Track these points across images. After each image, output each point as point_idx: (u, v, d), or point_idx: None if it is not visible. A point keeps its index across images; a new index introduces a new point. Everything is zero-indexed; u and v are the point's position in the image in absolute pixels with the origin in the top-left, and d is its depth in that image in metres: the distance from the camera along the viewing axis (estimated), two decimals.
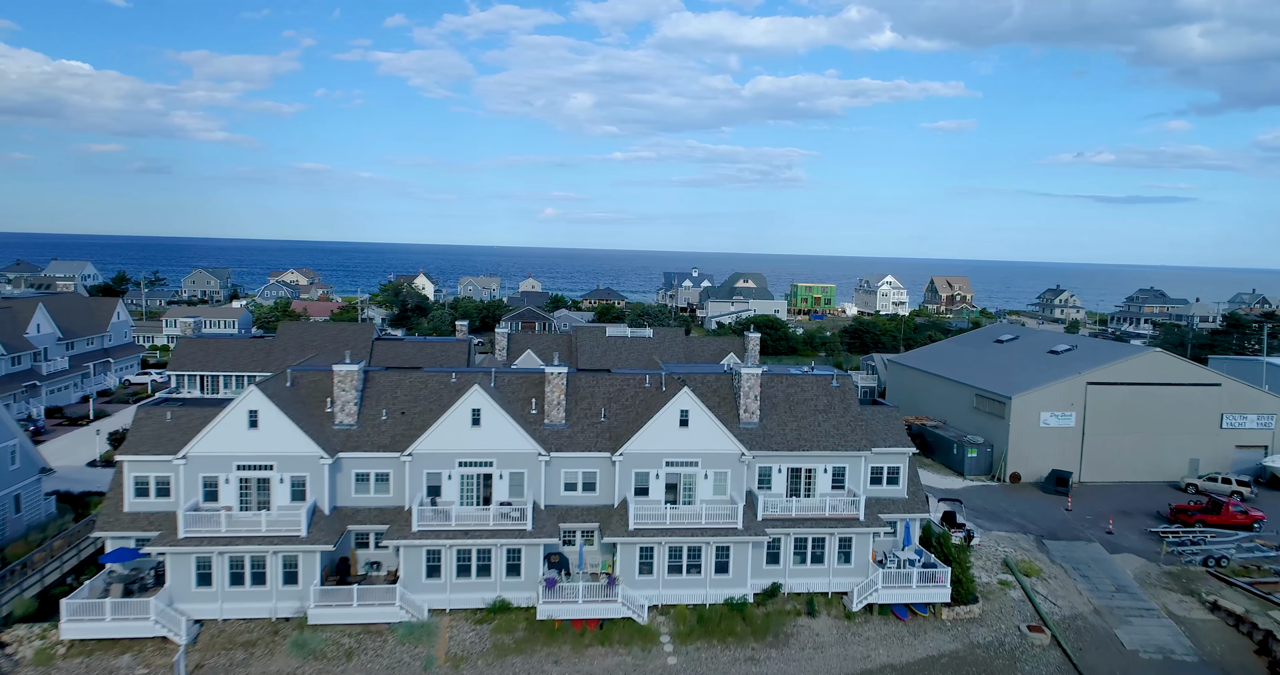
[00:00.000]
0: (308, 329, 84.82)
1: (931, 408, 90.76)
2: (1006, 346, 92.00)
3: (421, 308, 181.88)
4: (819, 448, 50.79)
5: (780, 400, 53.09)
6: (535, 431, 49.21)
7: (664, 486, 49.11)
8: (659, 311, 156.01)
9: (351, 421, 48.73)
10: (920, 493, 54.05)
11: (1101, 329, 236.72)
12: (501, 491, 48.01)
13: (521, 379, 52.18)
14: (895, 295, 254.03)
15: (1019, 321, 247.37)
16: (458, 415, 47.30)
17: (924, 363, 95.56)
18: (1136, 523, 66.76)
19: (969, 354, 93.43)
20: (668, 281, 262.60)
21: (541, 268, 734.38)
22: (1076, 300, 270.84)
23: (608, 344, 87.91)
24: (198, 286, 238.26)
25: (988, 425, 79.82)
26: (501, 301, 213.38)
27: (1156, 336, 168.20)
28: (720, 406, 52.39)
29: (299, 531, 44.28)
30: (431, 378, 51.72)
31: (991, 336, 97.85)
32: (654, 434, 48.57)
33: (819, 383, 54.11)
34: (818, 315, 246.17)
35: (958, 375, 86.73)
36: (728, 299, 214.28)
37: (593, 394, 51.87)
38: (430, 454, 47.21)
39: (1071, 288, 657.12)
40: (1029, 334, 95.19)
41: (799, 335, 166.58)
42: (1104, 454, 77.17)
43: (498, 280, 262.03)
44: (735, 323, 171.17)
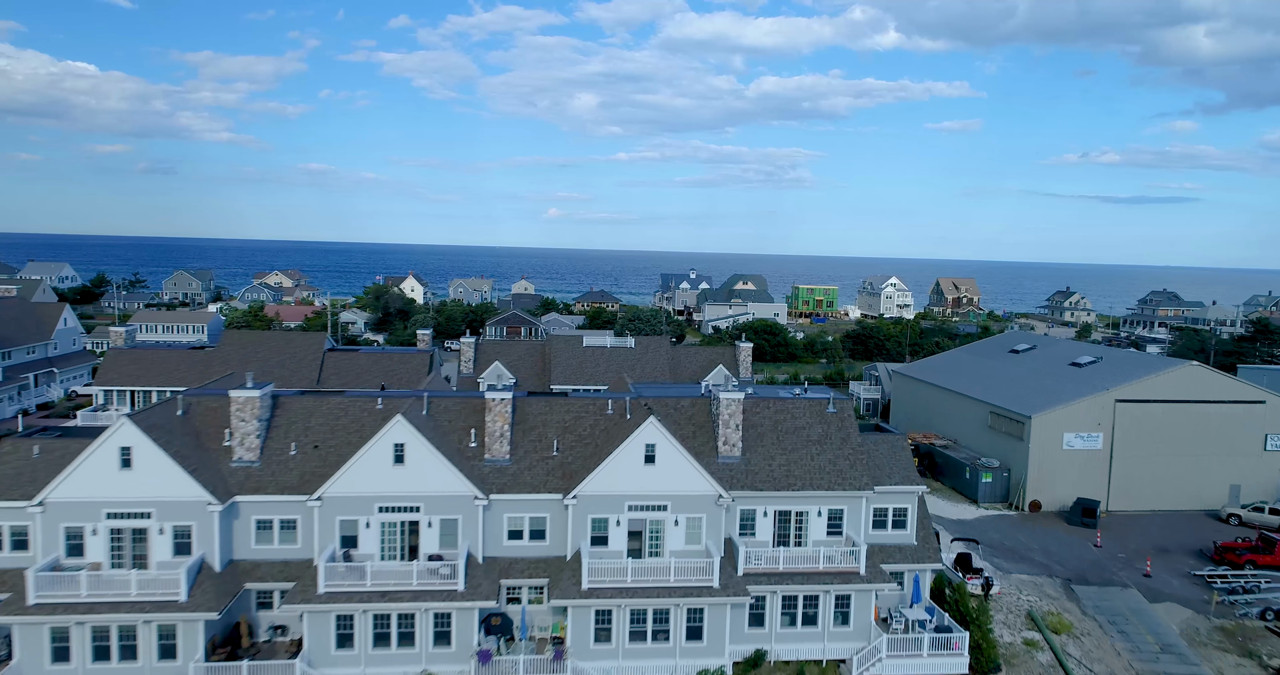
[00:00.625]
0: (252, 339, 77.02)
1: (941, 424, 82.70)
2: (1023, 357, 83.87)
3: (405, 311, 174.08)
4: (812, 486, 42.84)
5: (767, 429, 45.13)
6: (473, 469, 41.32)
7: (626, 535, 41.19)
8: (651, 316, 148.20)
9: (253, 458, 40.86)
10: (931, 538, 46.04)
11: (1114, 333, 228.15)
12: (431, 542, 40.11)
13: (460, 405, 44.26)
14: (900, 297, 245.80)
15: (1028, 325, 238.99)
16: (377, 451, 39.42)
17: (932, 375, 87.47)
18: (1177, 563, 58.65)
19: (982, 365, 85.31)
20: (665, 283, 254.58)
21: (542, 268, 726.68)
22: (1087, 303, 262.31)
23: (585, 355, 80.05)
24: (179, 289, 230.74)
25: (1004, 446, 71.76)
26: (491, 304, 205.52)
27: (1175, 342, 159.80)
28: (696, 436, 44.47)
29: (178, 595, 36.43)
30: (353, 404, 43.83)
31: (1006, 346, 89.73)
32: (614, 472, 40.66)
33: (812, 408, 46.14)
34: (819, 318, 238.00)
35: (970, 390, 78.66)
36: (725, 302, 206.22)
37: (544, 423, 43.93)
38: (344, 497, 39.35)
39: (1079, 289, 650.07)
40: (1048, 344, 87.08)
41: (799, 340, 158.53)
42: (1135, 480, 69.10)
43: (490, 282, 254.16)
44: (732, 327, 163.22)
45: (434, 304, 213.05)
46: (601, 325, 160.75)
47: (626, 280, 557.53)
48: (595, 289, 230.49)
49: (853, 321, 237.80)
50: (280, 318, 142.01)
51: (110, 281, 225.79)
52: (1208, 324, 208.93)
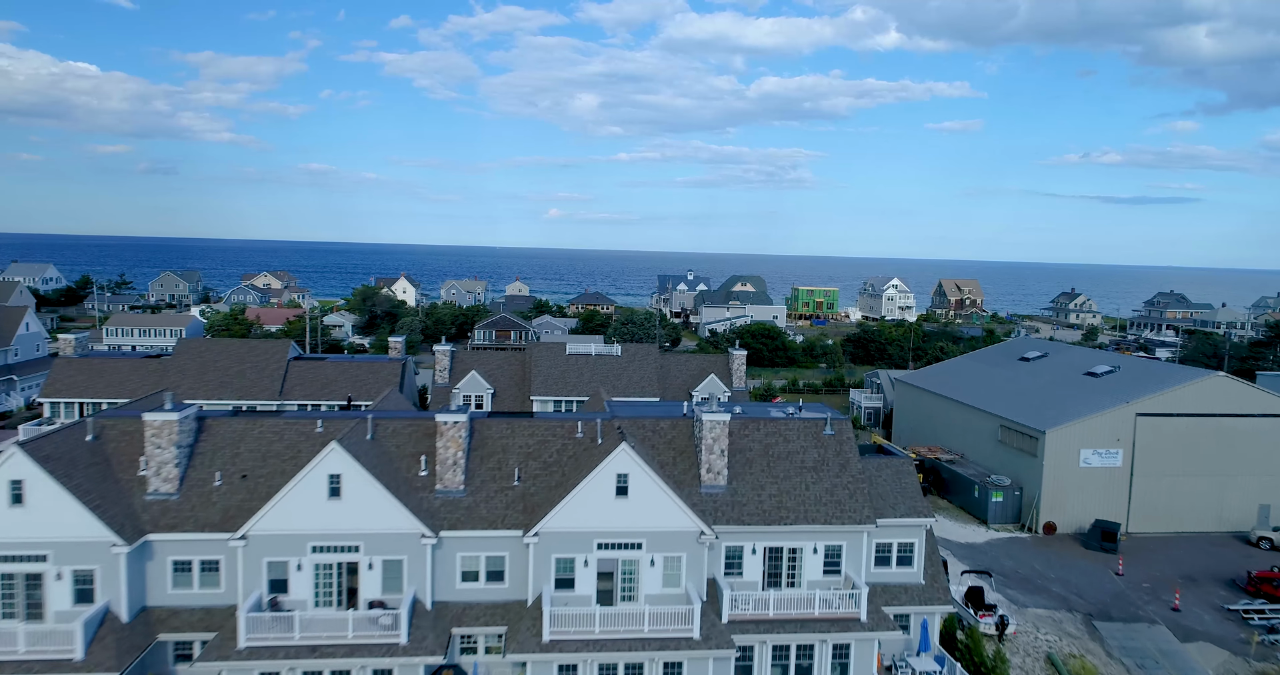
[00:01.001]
0: (211, 348, 72.14)
1: (947, 437, 77.79)
2: (1035, 366, 78.92)
3: (392, 314, 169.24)
4: (807, 520, 37.96)
5: (757, 454, 40.23)
6: (422, 502, 36.47)
7: (595, 577, 36.31)
8: (644, 319, 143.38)
9: (171, 489, 36.00)
10: (941, 575, 41.15)
11: (1121, 336, 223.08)
12: (372, 585, 35.26)
13: (411, 427, 39.36)
14: (901, 299, 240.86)
15: (1033, 327, 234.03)
16: (309, 483, 34.57)
17: (938, 384, 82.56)
18: (1207, 594, 53.71)
19: (991, 374, 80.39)
20: (662, 285, 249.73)
21: (541, 269, 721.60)
22: (1092, 304, 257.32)
23: (568, 364, 75.18)
24: (165, 290, 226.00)
25: (1016, 463, 66.83)
26: (482, 307, 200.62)
27: (1187, 345, 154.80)
28: (677, 462, 39.59)
29: (72, 652, 31.59)
30: (289, 426, 38.94)
31: (1015, 353, 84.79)
32: (581, 506, 35.79)
33: (807, 430, 41.23)
34: (819, 321, 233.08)
35: (979, 401, 73.74)
36: (723, 304, 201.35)
37: (505, 448, 39.03)
38: (272, 536, 34.50)
39: (1082, 290, 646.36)
40: (1060, 351, 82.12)
41: (798, 344, 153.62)
42: (1157, 499, 64.16)
43: (483, 283, 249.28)
44: (729, 330, 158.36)
45: (425, 306, 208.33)
46: (594, 329, 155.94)
47: (625, 281, 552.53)
48: (590, 290, 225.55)
49: (854, 324, 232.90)
50: (261, 321, 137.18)
51: (95, 283, 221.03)
52: (1217, 326, 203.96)
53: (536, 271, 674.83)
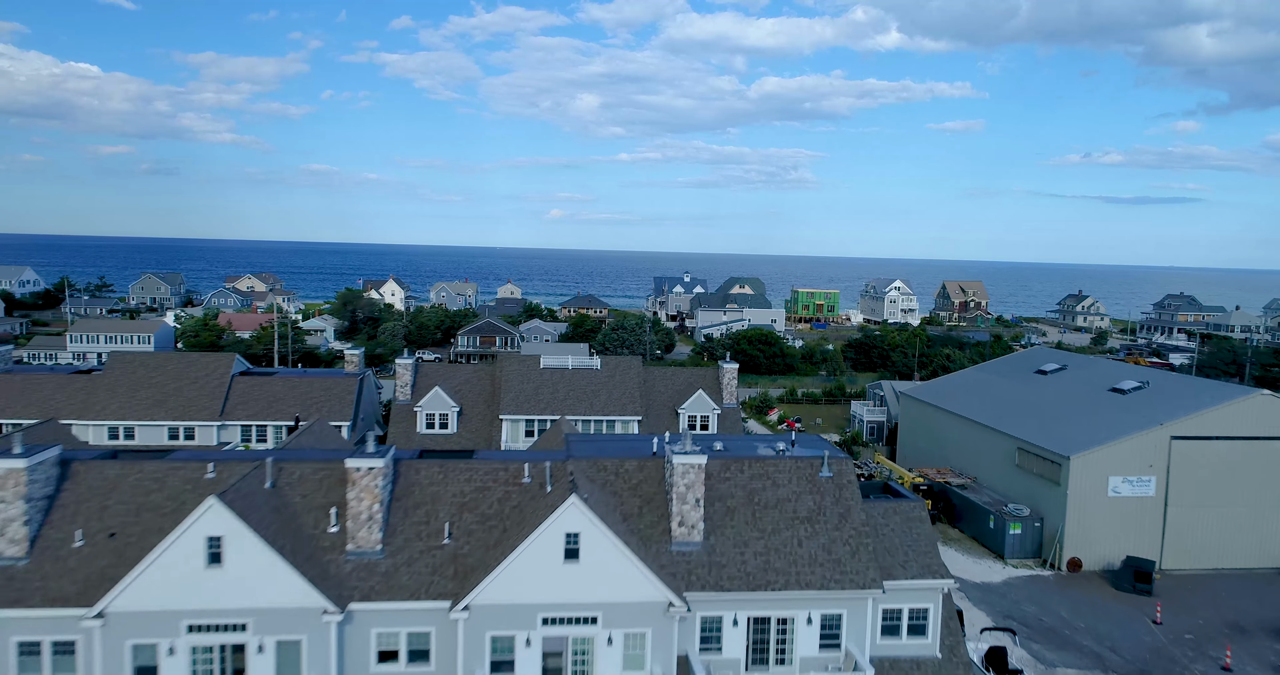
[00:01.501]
0: (146, 364, 65.56)
1: (957, 458, 71.20)
2: (1053, 380, 72.28)
3: (374, 318, 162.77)
4: (799, 584, 31.40)
5: (740, 502, 33.66)
6: (329, 567, 29.91)
7: (540, 658, 29.74)
8: (635, 325, 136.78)
9: (18, 553, 29.42)
10: (961, 646, 34.53)
11: (1131, 340, 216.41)
12: (263, 672, 28.66)
13: (323, 472, 32.71)
14: (904, 302, 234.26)
15: (1039, 330, 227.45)
16: (183, 548, 28.02)
17: (947, 398, 75.96)
18: (1258, 646, 47.11)
19: (1005, 388, 73.77)
20: (658, 287, 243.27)
21: (540, 270, 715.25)
22: (1100, 307, 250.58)
23: (541, 380, 68.55)
24: (146, 293, 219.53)
25: (1035, 490, 60.23)
26: (471, 310, 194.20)
27: (1204, 351, 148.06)
28: (644, 512, 33.05)
29: None
30: (174, 471, 32.32)
31: (1031, 364, 78.15)
32: (523, 572, 29.24)
33: (800, 472, 34.66)
34: (820, 324, 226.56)
35: (993, 420, 67.12)
36: (720, 308, 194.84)
37: (435, 497, 32.43)
38: (138, 613, 27.95)
39: (1088, 291, 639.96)
40: (1081, 364, 75.45)
41: (796, 350, 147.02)
42: (1194, 533, 57.57)
43: (474, 286, 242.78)
44: (725, 336, 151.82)
45: (413, 310, 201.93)
46: (584, 334, 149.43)
47: (623, 282, 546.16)
48: (582, 294, 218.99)
49: (855, 327, 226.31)
50: (233, 327, 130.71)
51: (72, 285, 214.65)
52: (1231, 330, 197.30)
53: (535, 273, 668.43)
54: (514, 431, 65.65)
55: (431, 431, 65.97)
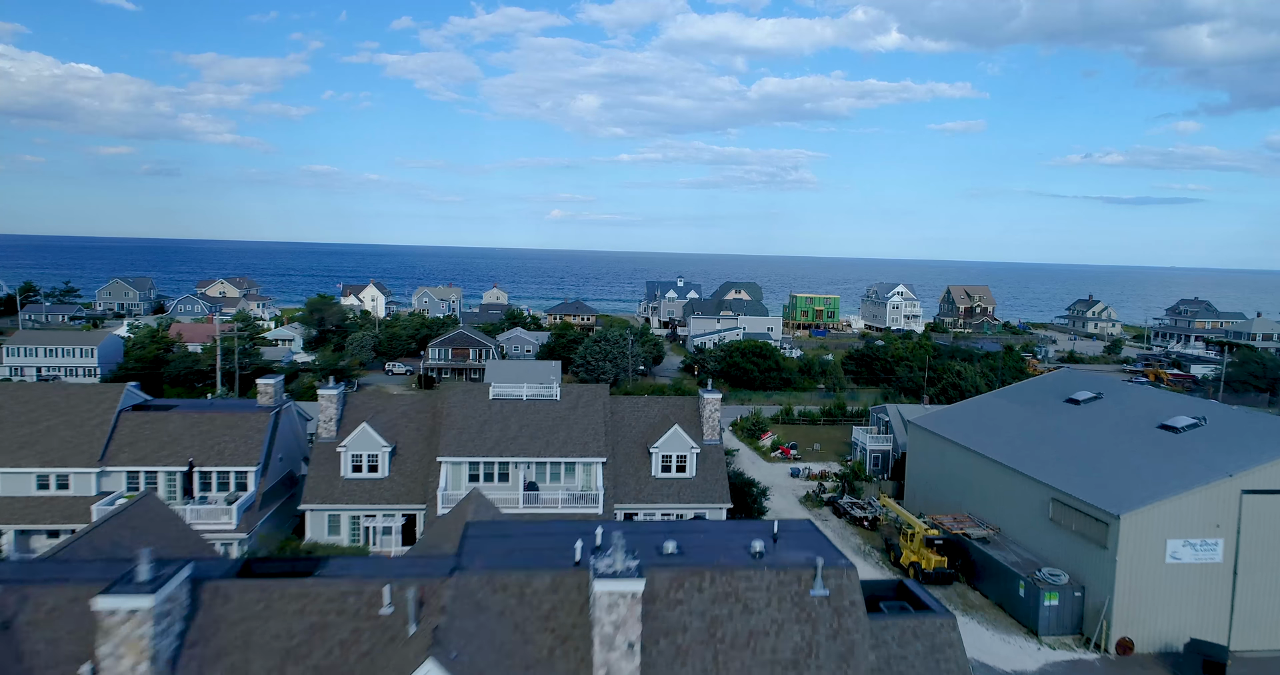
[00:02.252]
0: (16, 395, 55.49)
1: (977, 502, 61.19)
2: (1088, 412, 62.18)
3: (343, 327, 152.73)
4: None
5: (696, 636, 23.64)
6: None
7: None
8: (619, 337, 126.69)
9: None
10: None
11: (1146, 348, 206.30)
12: None
13: (83, 603, 22.57)
14: (907, 308, 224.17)
15: (1050, 337, 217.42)
16: None
17: (962, 430, 65.93)
18: None
19: (1031, 421, 63.68)
20: (650, 292, 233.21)
21: (536, 272, 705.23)
22: (1111, 312, 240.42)
23: (490, 413, 58.52)
24: (114, 298, 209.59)
25: (1075, 552, 50.21)
26: (452, 318, 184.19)
27: (1233, 362, 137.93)
28: (558, 658, 23.00)
29: None
30: None
31: (1059, 391, 68.06)
32: None
33: (783, 588, 24.63)
34: (819, 331, 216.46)
35: (1020, 461, 57.08)
36: (714, 315, 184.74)
37: (249, 640, 22.33)
38: None
39: (1088, 292, 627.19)
40: (1118, 392, 65.28)
41: (794, 362, 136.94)
42: (1271, 607, 47.52)
43: (458, 291, 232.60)
44: (718, 346, 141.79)
45: (392, 316, 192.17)
46: (567, 345, 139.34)
47: (619, 285, 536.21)
48: (570, 299, 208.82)
49: (856, 334, 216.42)
50: (183, 339, 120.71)
51: (37, 290, 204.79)
52: (1253, 338, 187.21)
53: (530, 275, 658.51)
54: (455, 476, 55.69)
55: (359, 476, 56.02)
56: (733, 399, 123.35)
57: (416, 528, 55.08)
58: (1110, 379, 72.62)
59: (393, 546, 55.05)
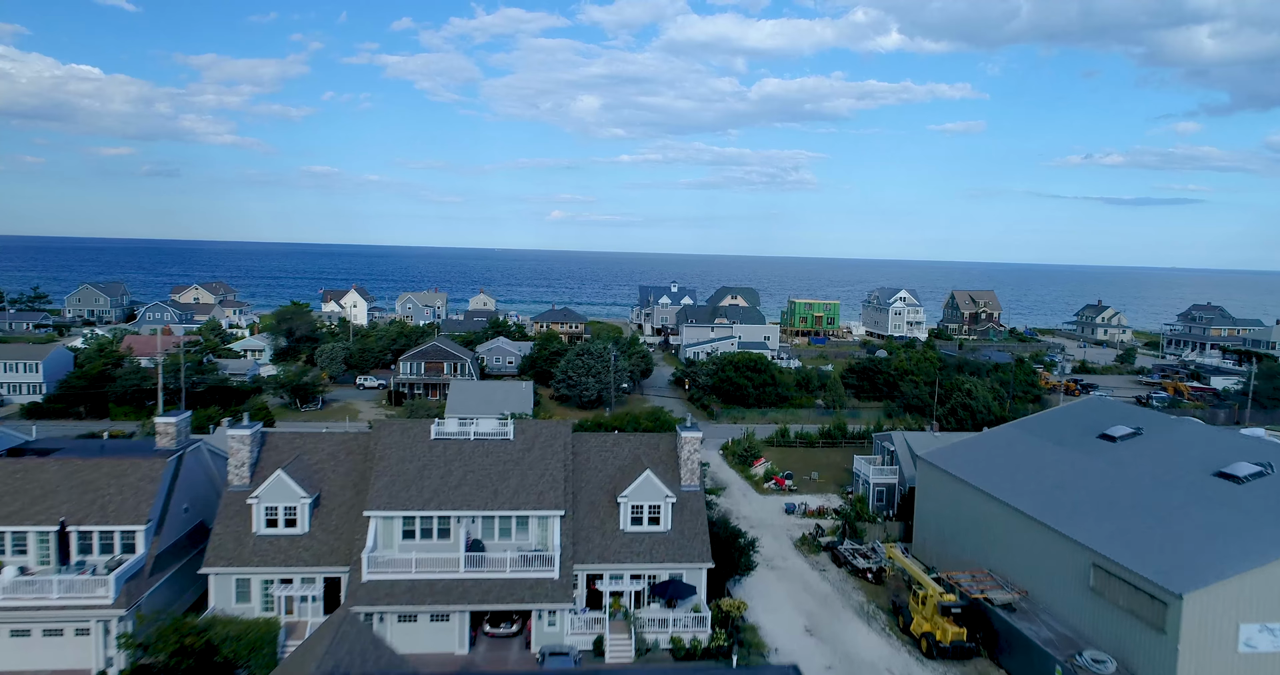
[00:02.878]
0: None
1: (1000, 557, 52.73)
2: (1128, 452, 53.68)
3: (312, 338, 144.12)
4: None
5: None
6: None
7: None
8: (603, 351, 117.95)
9: None
10: None
11: (1159, 357, 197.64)
12: None
13: None
14: (910, 314, 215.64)
15: (1059, 345, 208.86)
16: None
17: (981, 470, 57.48)
18: None
19: (1061, 461, 55.19)
20: (643, 297, 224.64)
21: (533, 274, 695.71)
22: (1122, 318, 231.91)
23: (429, 457, 50.07)
24: (83, 305, 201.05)
25: (1124, 632, 41.75)
26: (434, 326, 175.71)
27: (1258, 374, 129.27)
28: None
29: None
30: None
31: (1091, 425, 59.55)
32: None
33: None
34: (819, 339, 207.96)
35: (1052, 514, 48.61)
36: (708, 323, 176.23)
37: None
38: None
39: (1092, 294, 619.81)
40: (1161, 428, 56.65)
41: (791, 374, 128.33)
42: None
43: (443, 296, 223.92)
44: (711, 358, 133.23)
45: (376, 324, 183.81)
46: (550, 358, 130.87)
47: (616, 288, 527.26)
48: (557, 306, 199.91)
49: (856, 342, 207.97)
50: (134, 352, 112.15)
51: (3, 296, 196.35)
52: (1272, 346, 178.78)
53: (526, 277, 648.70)
54: (386, 534, 47.26)
55: (273, 532, 47.56)
56: (725, 417, 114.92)
57: (341, 592, 46.64)
58: (1148, 411, 64.01)
59: (310, 616, 46.61)
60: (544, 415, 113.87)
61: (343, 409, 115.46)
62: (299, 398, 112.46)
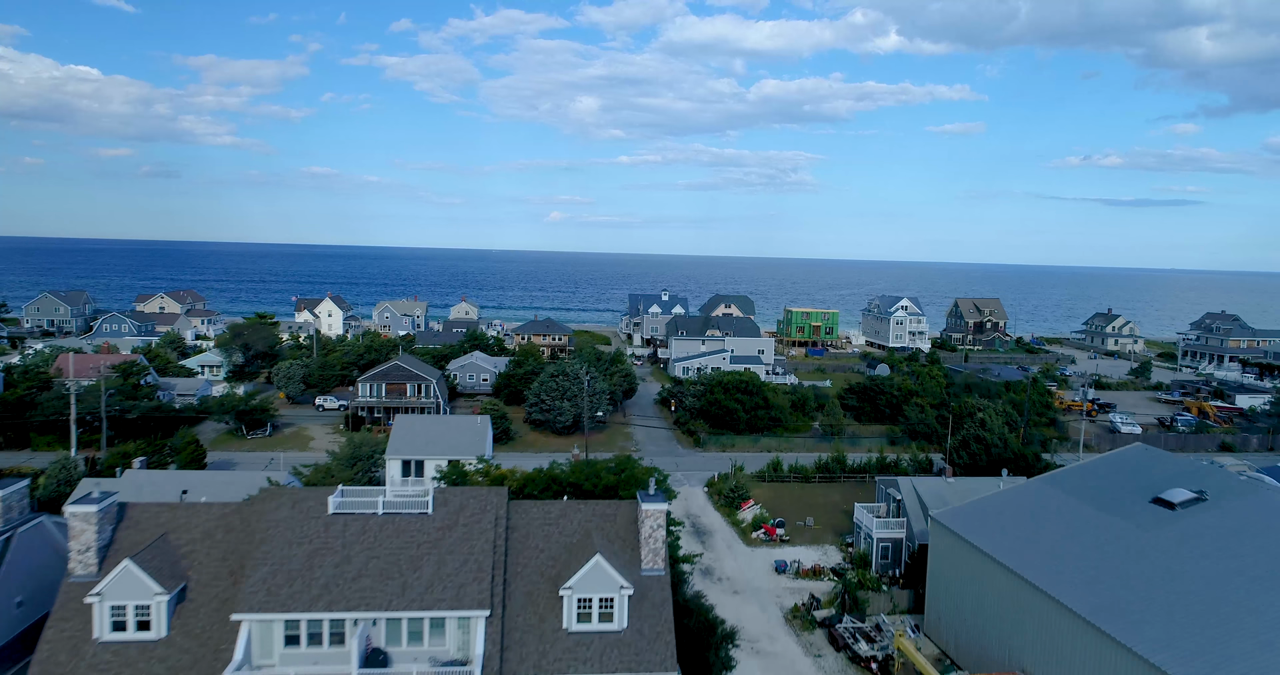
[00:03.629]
0: None
1: (1036, 656, 42.72)
2: (1191, 524, 43.68)
3: (271, 354, 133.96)
4: None
5: None
6: None
7: None
8: (575, 372, 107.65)
9: None
10: None
11: (1172, 368, 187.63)
12: None
13: None
14: (912, 323, 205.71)
15: (1069, 356, 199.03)
16: None
17: (1008, 542, 47.53)
18: None
19: (1108, 536, 45.17)
20: (632, 306, 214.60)
21: (527, 277, 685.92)
22: (1134, 328, 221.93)
23: (324, 539, 39.96)
24: (43, 314, 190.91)
25: None
26: (408, 338, 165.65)
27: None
28: None
29: None
30: None
31: (1140, 482, 49.56)
32: None
33: None
34: (816, 350, 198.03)
35: (1106, 616, 38.58)
36: (699, 335, 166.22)
37: None
38: None
39: (1095, 297, 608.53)
40: (1226, 490, 46.57)
41: (784, 396, 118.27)
42: None
43: (423, 305, 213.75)
44: (700, 378, 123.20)
45: (339, 337, 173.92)
46: (525, 378, 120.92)
47: (612, 289, 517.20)
48: (539, 317, 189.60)
49: (856, 353, 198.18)
50: (64, 374, 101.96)
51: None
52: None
53: (519, 280, 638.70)
54: (263, 640, 37.22)
55: (121, 637, 37.48)
56: (712, 444, 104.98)
57: None
58: (1209, 467, 54.00)
59: None
60: (521, 442, 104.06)
61: (295, 436, 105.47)
62: (246, 423, 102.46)
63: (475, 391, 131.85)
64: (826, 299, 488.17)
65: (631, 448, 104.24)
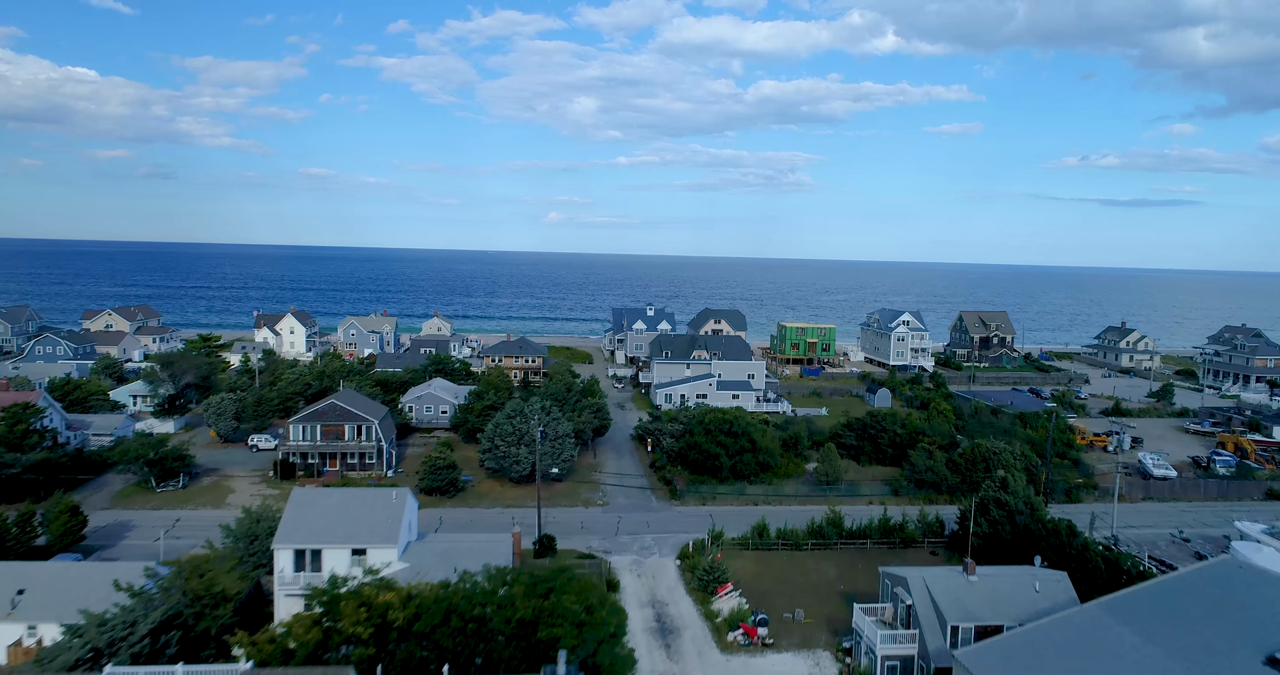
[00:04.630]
0: None
1: None
2: None
3: (204, 386, 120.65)
4: None
5: None
6: None
7: None
8: (530, 416, 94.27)
9: None
10: None
11: (1198, 391, 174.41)
12: None
13: None
14: (914, 339, 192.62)
15: (1081, 375, 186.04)
16: None
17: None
18: None
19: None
20: (616, 322, 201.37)
21: (520, 280, 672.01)
22: (1150, 343, 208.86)
23: None
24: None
25: None
26: (364, 364, 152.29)
27: None
28: None
29: None
30: None
31: (1237, 624, 36.56)
32: None
33: None
34: (812, 370, 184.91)
35: None
36: (685, 358, 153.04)
37: None
38: None
39: (1097, 300, 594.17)
40: None
41: (773, 438, 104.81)
42: None
43: (392, 321, 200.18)
44: (681, 414, 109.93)
45: (286, 364, 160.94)
46: (482, 414, 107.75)
47: (606, 294, 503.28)
48: (512, 337, 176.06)
49: (855, 374, 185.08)
50: None
51: None
52: None
53: (510, 283, 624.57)
54: None
55: None
56: (691, 496, 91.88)
57: None
58: None
59: None
60: (474, 493, 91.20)
61: (213, 488, 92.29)
62: (158, 474, 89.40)
63: (433, 425, 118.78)
64: (822, 304, 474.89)
65: (598, 499, 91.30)
